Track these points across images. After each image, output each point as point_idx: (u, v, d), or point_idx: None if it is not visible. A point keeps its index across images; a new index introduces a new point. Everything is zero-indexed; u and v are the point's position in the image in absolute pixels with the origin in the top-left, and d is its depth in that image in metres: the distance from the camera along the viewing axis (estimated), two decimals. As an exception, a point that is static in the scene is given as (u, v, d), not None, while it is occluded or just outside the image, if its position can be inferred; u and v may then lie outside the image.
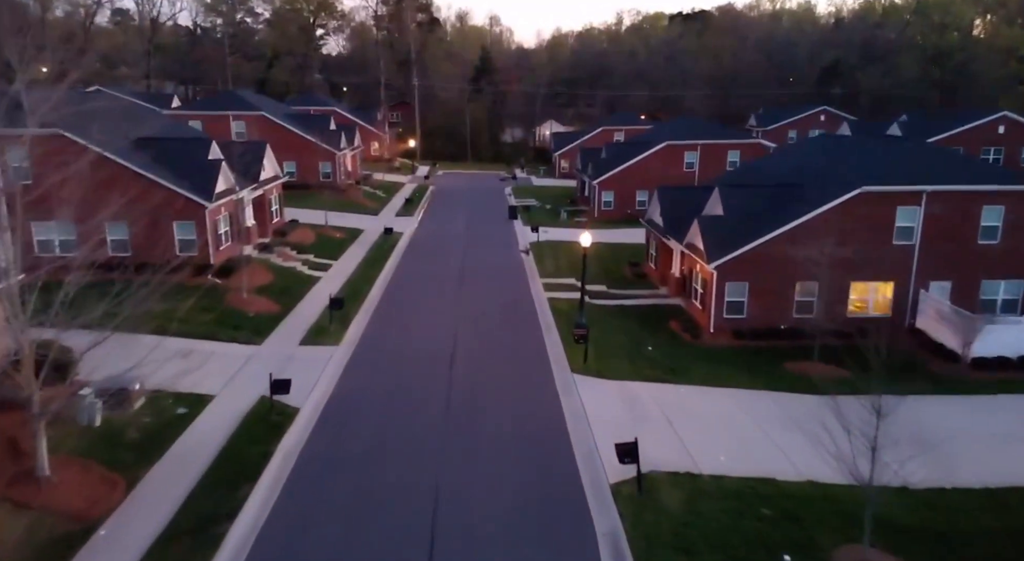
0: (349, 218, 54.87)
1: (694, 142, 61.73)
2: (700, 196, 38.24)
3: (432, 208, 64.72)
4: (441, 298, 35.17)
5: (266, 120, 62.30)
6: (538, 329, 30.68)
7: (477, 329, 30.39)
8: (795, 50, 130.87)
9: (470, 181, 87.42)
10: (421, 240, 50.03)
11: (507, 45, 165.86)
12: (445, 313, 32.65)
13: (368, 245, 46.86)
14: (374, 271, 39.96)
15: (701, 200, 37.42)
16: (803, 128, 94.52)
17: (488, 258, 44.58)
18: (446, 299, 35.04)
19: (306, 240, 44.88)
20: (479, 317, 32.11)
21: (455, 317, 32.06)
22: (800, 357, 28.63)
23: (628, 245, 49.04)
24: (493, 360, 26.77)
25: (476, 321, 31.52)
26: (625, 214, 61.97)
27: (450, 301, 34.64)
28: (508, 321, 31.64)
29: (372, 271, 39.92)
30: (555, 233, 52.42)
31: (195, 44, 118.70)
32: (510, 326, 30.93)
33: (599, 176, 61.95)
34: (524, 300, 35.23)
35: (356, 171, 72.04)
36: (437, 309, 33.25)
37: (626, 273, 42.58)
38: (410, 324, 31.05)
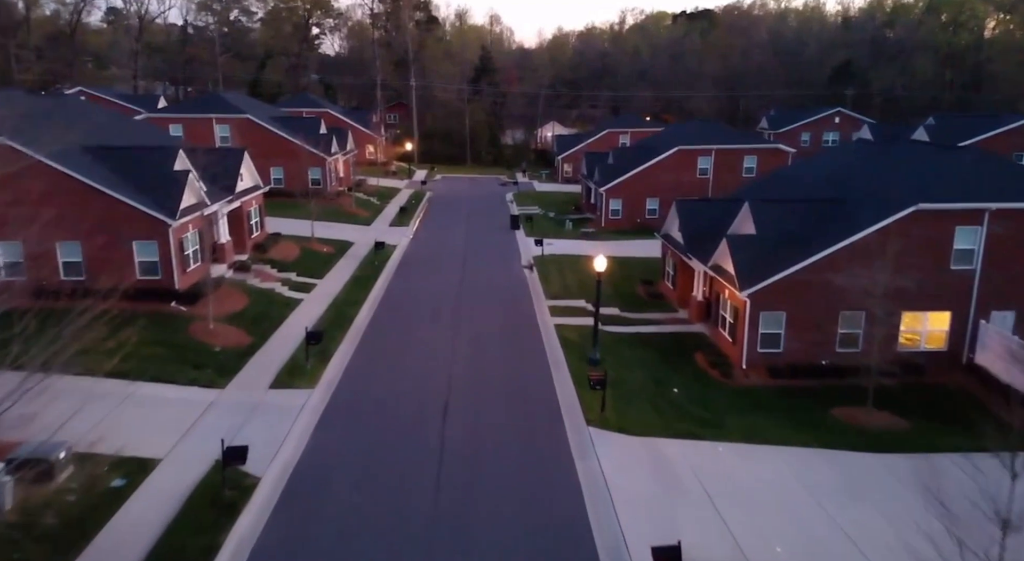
0: (339, 229, 51.01)
1: (708, 147, 57.88)
2: (723, 210, 34.42)
3: (429, 217, 60.86)
4: (435, 326, 31.30)
5: (251, 124, 58.46)
6: (545, 365, 26.83)
7: (476, 366, 26.53)
8: (803, 50, 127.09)
9: (469, 186, 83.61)
10: (415, 254, 46.13)
11: (507, 45, 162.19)
12: (439, 346, 28.77)
13: (358, 260, 42.99)
14: (362, 292, 36.07)
15: (724, 214, 33.61)
16: (817, 131, 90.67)
17: (488, 275, 40.73)
18: (441, 327, 31.17)
19: (289, 256, 41.01)
20: (478, 350, 28.24)
21: (450, 351, 28.18)
22: (849, 400, 24.80)
23: (640, 260, 45.19)
24: (494, 410, 22.89)
25: (474, 356, 27.65)
26: (634, 223, 58.22)
27: (445, 330, 30.77)
28: (511, 355, 27.77)
29: (360, 292, 36.04)
30: (560, 245, 48.58)
31: (186, 43, 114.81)
32: (514, 362, 27.06)
33: (606, 183, 58.13)
34: (528, 327, 31.36)
35: (349, 177, 68.19)
36: (430, 341, 29.37)
37: (640, 293, 38.71)
38: (399, 360, 27.17)
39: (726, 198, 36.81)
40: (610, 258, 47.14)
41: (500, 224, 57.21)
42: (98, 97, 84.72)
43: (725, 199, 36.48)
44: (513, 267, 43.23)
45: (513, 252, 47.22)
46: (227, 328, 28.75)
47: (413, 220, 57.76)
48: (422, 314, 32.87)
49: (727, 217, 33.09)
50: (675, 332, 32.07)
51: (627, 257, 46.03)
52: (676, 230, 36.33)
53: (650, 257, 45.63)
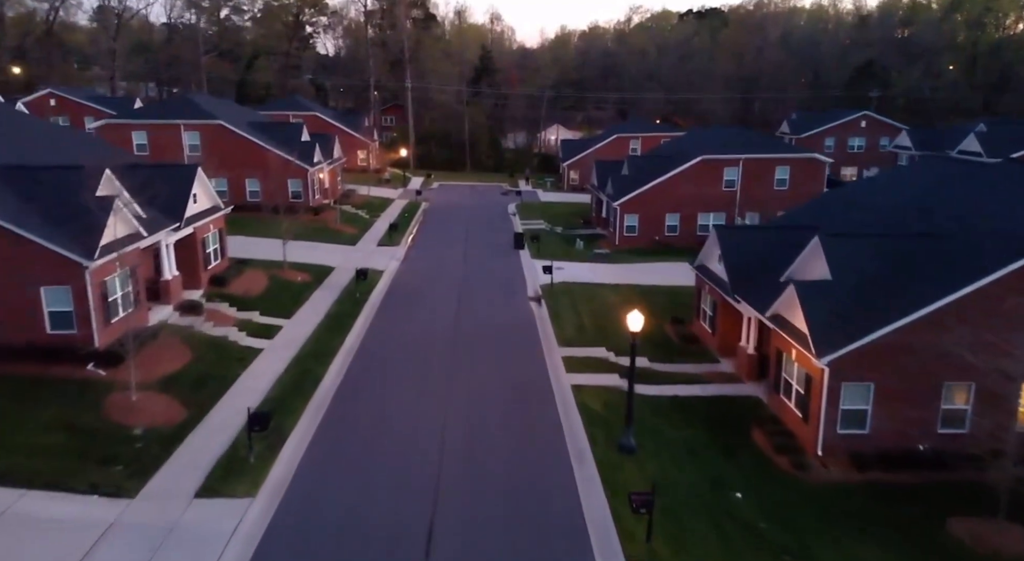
0: (319, 250, 44.82)
1: (735, 156, 51.64)
2: (778, 241, 28.27)
3: (422, 234, 54.62)
4: (421, 391, 25.02)
5: (223, 131, 52.26)
6: (565, 456, 20.55)
7: (471, 461, 20.21)
8: (817, 49, 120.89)
9: (469, 195, 77.39)
10: (405, 283, 39.89)
11: (508, 44, 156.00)
12: (425, 424, 22.50)
13: (336, 291, 36.77)
14: (336, 338, 29.81)
15: (780, 247, 27.47)
16: (842, 136, 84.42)
17: (489, 312, 34.50)
18: (428, 392, 24.89)
19: (254, 288, 34.78)
20: (475, 433, 21.94)
21: (439, 433, 21.93)
22: (966, 506, 18.63)
23: (665, 290, 38.98)
24: (495, 538, 16.65)
25: (470, 443, 21.33)
26: (652, 242, 52.04)
27: (433, 398, 24.48)
28: (519, 441, 21.45)
29: (333, 338, 29.78)
30: (572, 270, 42.39)
31: (170, 42, 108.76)
32: (522, 452, 20.75)
33: (621, 196, 51.90)
34: (539, 392, 25.11)
35: (335, 188, 61.99)
36: (413, 416, 23.10)
37: (670, 334, 32.48)
38: (371, 448, 20.91)
39: (779, 225, 30.62)
40: (630, 288, 41.18)
41: (502, 243, 51.01)
42: (67, 99, 78.64)
43: (778, 227, 30.27)
44: (518, 300, 37.03)
45: (518, 280, 41.01)
46: (156, 398, 22.53)
47: (405, 238, 51.53)
48: (406, 372, 26.60)
49: (784, 251, 26.91)
50: (722, 396, 25.79)
51: (650, 286, 39.83)
52: (716, 262, 30.11)
53: (677, 286, 39.51)
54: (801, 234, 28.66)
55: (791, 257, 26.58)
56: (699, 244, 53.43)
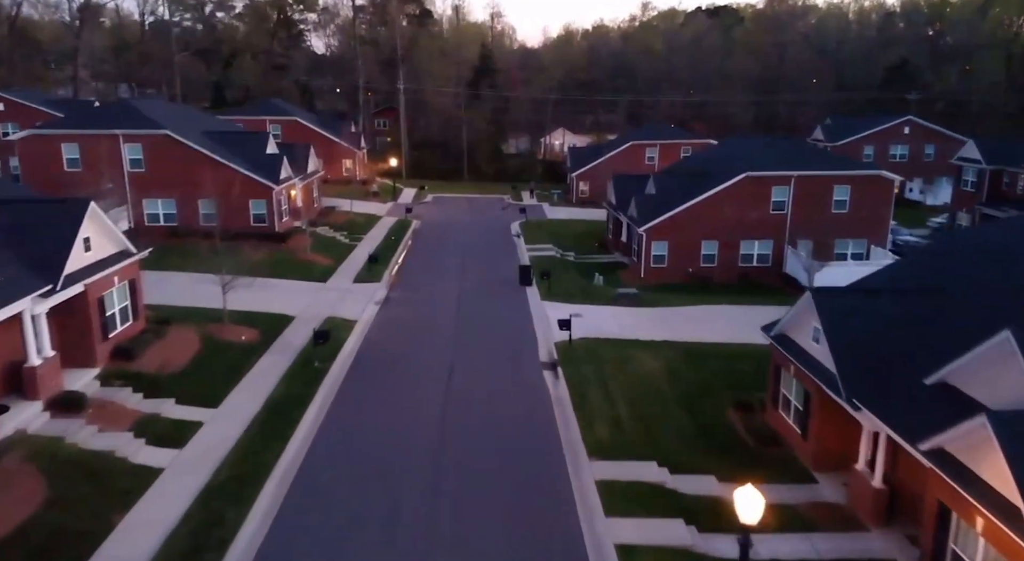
0: (278, 292, 36.21)
1: (786, 173, 42.97)
2: (900, 312, 19.82)
3: (410, 265, 45.90)
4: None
5: (171, 142, 43.60)
6: None
7: None
8: (843, 48, 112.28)
9: (467, 211, 68.74)
10: (380, 345, 31.14)
11: (509, 43, 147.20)
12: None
13: (290, 357, 28.06)
14: (270, 449, 20.94)
15: (907, 322, 19.03)
16: (882, 143, 75.92)
17: (490, 393, 25.78)
18: (400, 557, 16.25)
19: (176, 359, 26.11)
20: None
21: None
22: None
23: (716, 350, 30.34)
24: None
25: None
26: (685, 275, 43.50)
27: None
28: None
29: (267, 449, 20.92)
30: (593, 317, 33.85)
31: (142, 40, 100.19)
32: None
33: (648, 220, 43.28)
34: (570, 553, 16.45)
35: (310, 206, 53.31)
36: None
37: (735, 425, 23.85)
38: None
39: (900, 288, 21.79)
40: (671, 347, 31.44)
41: (505, 277, 42.36)
42: (18, 104, 69.78)
43: (899, 291, 21.44)
44: (527, 369, 28.36)
45: (526, 334, 32.34)
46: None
47: (388, 271, 42.83)
48: (361, 522, 17.89)
49: (917, 329, 18.47)
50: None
51: (697, 344, 31.16)
52: (810, 339, 21.44)
53: (732, 344, 30.98)
54: (933, 302, 20.19)
55: (933, 341, 18.05)
56: (741, 278, 45.10)
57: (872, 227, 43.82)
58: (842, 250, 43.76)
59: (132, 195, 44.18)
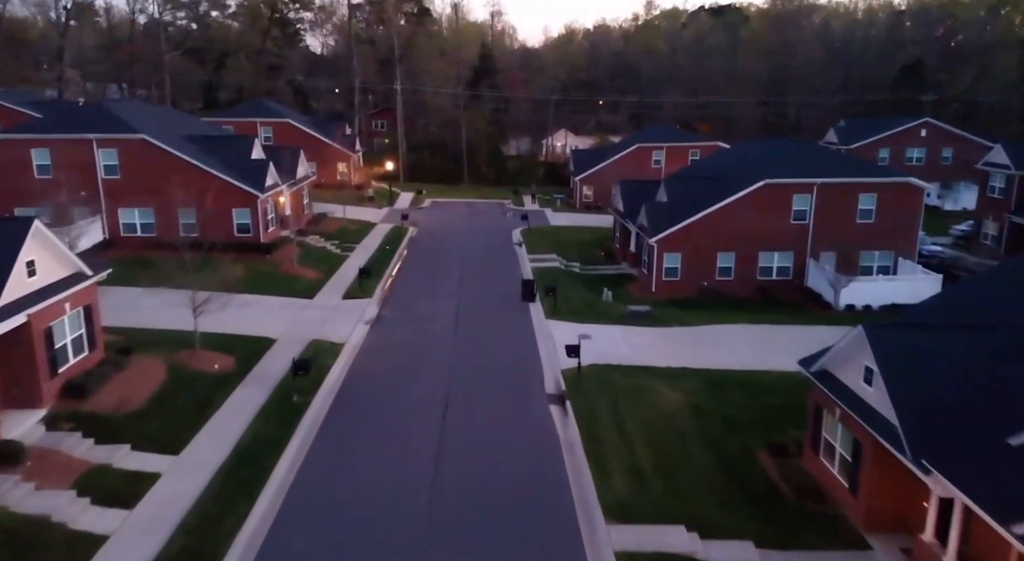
0: (260, 311, 33.31)
1: (808, 181, 40.02)
2: (963, 352, 16.92)
3: (404, 279, 42.92)
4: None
5: (149, 148, 40.65)
6: None
7: None
8: (851, 48, 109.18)
9: (466, 217, 65.78)
10: (368, 375, 28.16)
11: (510, 43, 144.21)
12: None
13: (267, 389, 25.11)
14: (236, 508, 18.06)
15: (976, 365, 16.12)
16: (898, 146, 72.90)
17: (491, 435, 22.82)
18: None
19: (137, 394, 23.16)
20: None
21: None
22: None
23: (742, 379, 27.46)
24: None
25: None
26: (700, 289, 40.61)
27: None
28: None
29: (232, 509, 18.02)
30: (603, 339, 31.00)
31: (133, 39, 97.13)
32: None
33: (660, 230, 40.36)
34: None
35: (300, 215, 50.36)
36: None
37: (769, 472, 20.94)
38: None
39: (961, 323, 18.81)
40: (691, 375, 27.46)
41: (507, 292, 39.42)
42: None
43: (959, 327, 18.48)
44: (531, 402, 25.42)
45: (530, 361, 29.37)
46: None
47: (380, 286, 39.87)
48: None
49: (989, 371, 15.56)
50: None
51: (720, 372, 28.25)
52: (860, 380, 18.55)
53: (757, 372, 28.18)
54: (1007, 341, 17.35)
55: (1015, 390, 15.16)
56: (760, 292, 41.31)
57: (899, 238, 40.89)
58: (868, 263, 40.79)
59: (107, 204, 41.33)
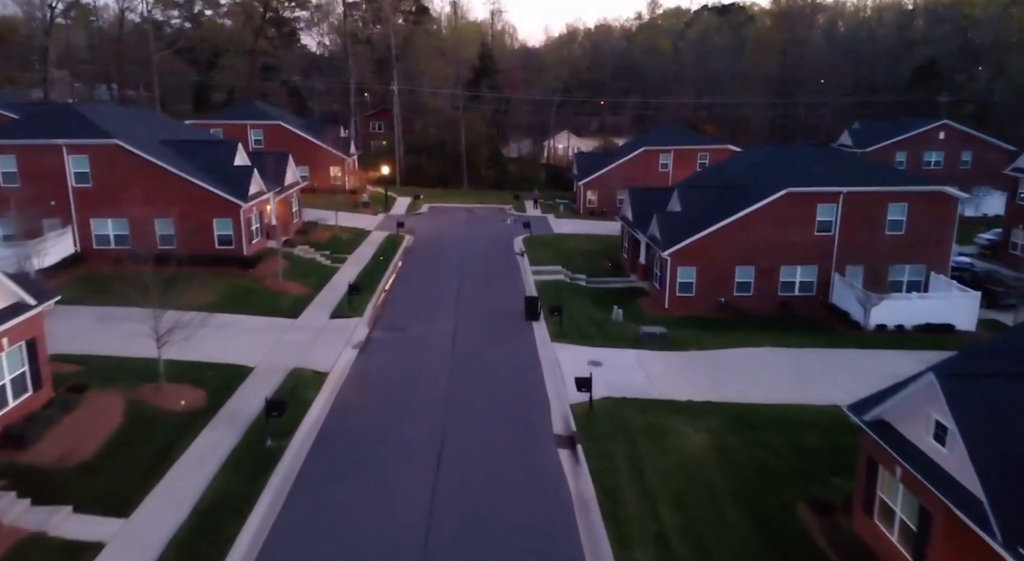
0: (237, 333, 30.37)
1: (834, 190, 37.06)
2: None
3: (398, 295, 39.93)
4: None
5: (122, 154, 37.69)
6: None
7: None
8: (861, 46, 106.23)
9: (464, 224, 62.84)
10: (353, 412, 25.18)
11: (510, 42, 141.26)
12: None
13: (238, 431, 22.17)
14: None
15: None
16: (915, 150, 69.92)
17: (491, 489, 19.83)
18: None
19: (88, 440, 20.20)
20: None
21: None
22: None
23: (770, 416, 24.47)
24: None
25: None
26: (716, 306, 37.71)
27: None
28: None
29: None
30: (615, 366, 28.25)
31: (122, 38, 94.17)
32: None
33: (674, 243, 37.45)
34: None
35: (288, 224, 47.44)
36: None
37: (814, 537, 18.01)
38: None
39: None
40: (715, 411, 24.47)
41: (509, 309, 36.51)
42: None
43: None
44: (538, 445, 22.48)
45: (535, 392, 26.40)
46: None
47: (371, 303, 36.90)
48: None
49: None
50: None
51: (747, 406, 25.27)
52: (928, 437, 15.58)
53: (786, 406, 25.20)
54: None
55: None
56: (781, 309, 37.20)
57: (931, 251, 37.97)
58: (897, 277, 37.87)
59: (77, 214, 38.40)
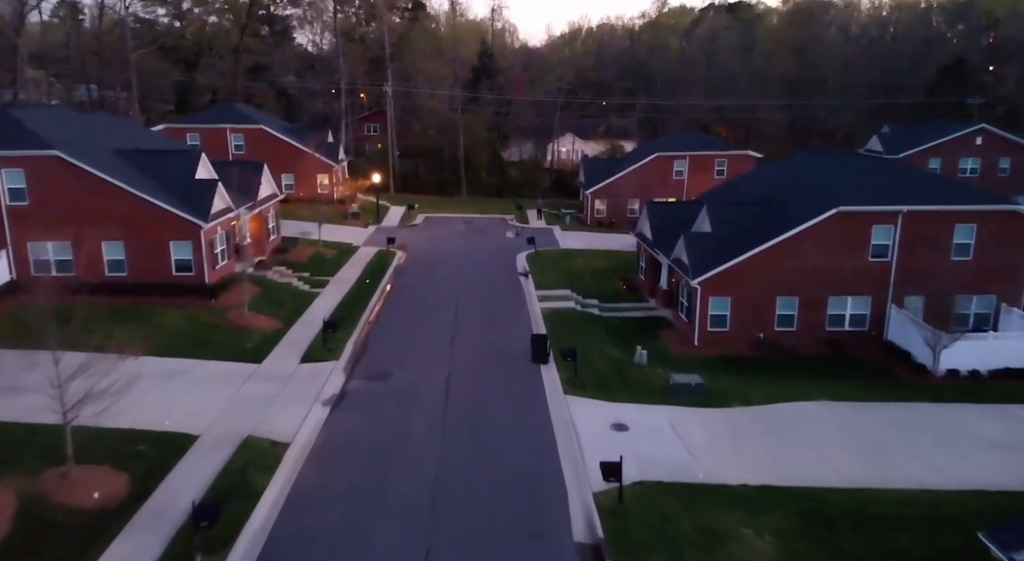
0: (184, 385, 25.03)
1: (891, 209, 31.75)
2: None
3: (383, 329, 34.45)
4: None
5: (62, 167, 32.34)
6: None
7: None
8: (876, 47, 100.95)
9: (463, 237, 57.54)
10: (311, 512, 19.78)
11: (511, 42, 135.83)
12: None
13: (158, 544, 16.84)
14: None
15: None
16: (951, 155, 64.75)
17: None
18: None
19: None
20: None
21: None
22: None
23: (840, 501, 19.13)
24: None
25: None
26: (753, 343, 32.39)
27: None
28: None
29: None
30: (645, 430, 23.04)
31: (100, 37, 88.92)
32: None
33: (705, 269, 32.15)
34: None
35: (263, 243, 42.10)
36: None
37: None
38: None
39: None
40: (780, 498, 18.59)
41: (513, 348, 31.15)
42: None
43: None
44: (550, 545, 17.17)
45: (548, 477, 20.97)
46: None
47: (350, 341, 31.51)
48: None
49: None
50: None
51: (818, 492, 19.89)
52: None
53: (867, 491, 19.90)
54: None
55: None
56: (829, 347, 31.76)
57: (1003, 279, 32.68)
58: (962, 309, 32.55)
59: (12, 237, 33.10)
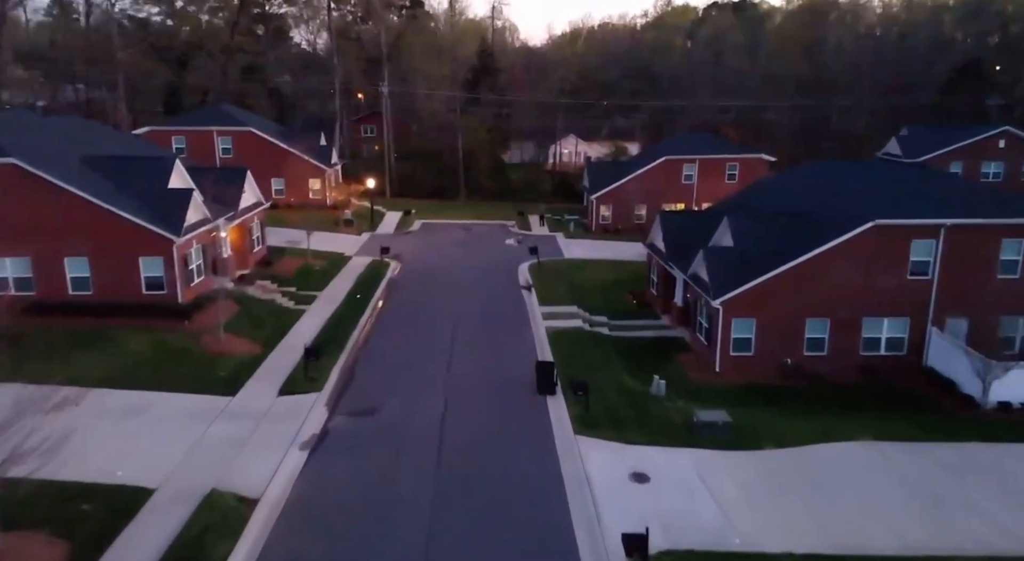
0: (145, 422, 22.09)
1: (932, 222, 28.77)
2: None
3: (372, 354, 31.43)
4: None
5: (20, 175, 29.37)
6: None
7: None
8: (885, 46, 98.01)
9: (461, 245, 54.58)
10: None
11: (512, 41, 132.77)
12: None
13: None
14: None
15: None
16: (972, 159, 61.88)
17: None
18: None
19: None
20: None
21: None
22: None
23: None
24: None
25: None
26: (780, 369, 29.39)
27: None
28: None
29: None
30: (667, 480, 20.16)
31: (87, 33, 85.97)
32: None
33: (728, 289, 29.18)
34: None
35: (245, 255, 39.15)
36: None
37: None
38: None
39: None
40: None
41: (515, 375, 28.19)
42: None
43: None
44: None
45: (560, 539, 18.05)
46: None
47: (336, 368, 28.51)
48: None
49: None
50: None
51: (870, 560, 16.91)
52: None
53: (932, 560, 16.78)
54: None
55: None
56: (863, 374, 28.23)
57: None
58: (1008, 332, 29.64)
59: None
